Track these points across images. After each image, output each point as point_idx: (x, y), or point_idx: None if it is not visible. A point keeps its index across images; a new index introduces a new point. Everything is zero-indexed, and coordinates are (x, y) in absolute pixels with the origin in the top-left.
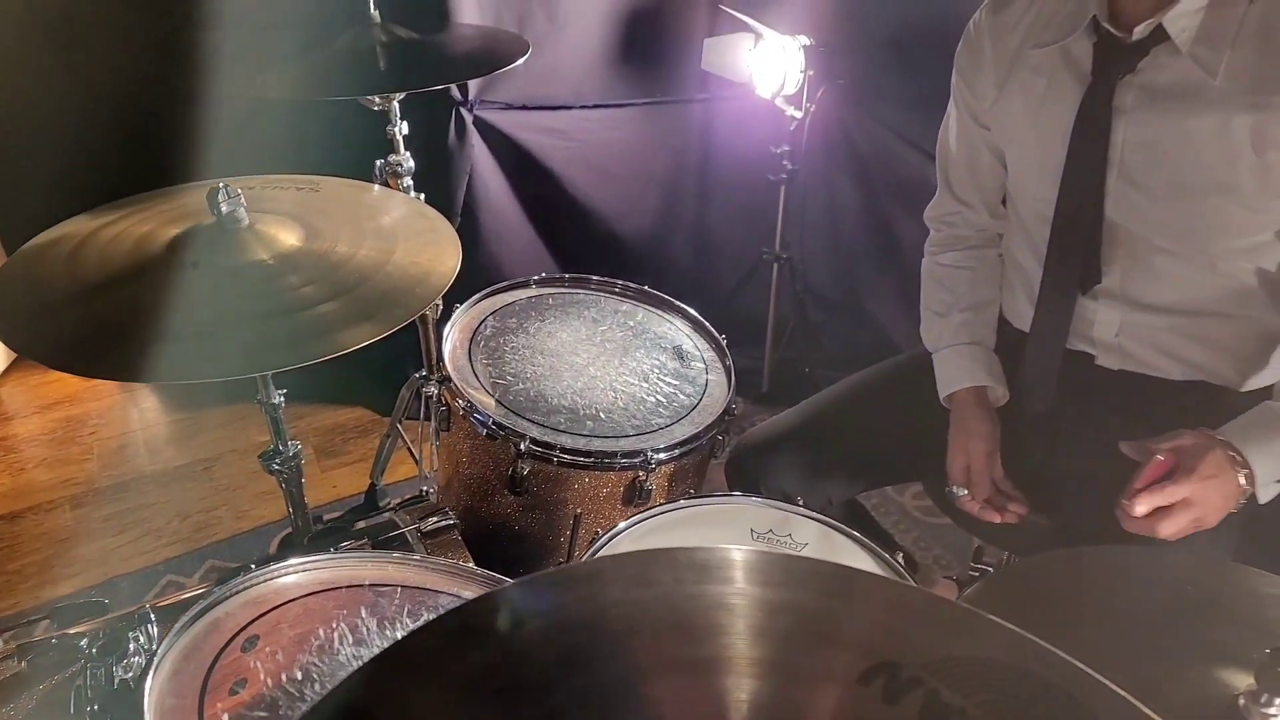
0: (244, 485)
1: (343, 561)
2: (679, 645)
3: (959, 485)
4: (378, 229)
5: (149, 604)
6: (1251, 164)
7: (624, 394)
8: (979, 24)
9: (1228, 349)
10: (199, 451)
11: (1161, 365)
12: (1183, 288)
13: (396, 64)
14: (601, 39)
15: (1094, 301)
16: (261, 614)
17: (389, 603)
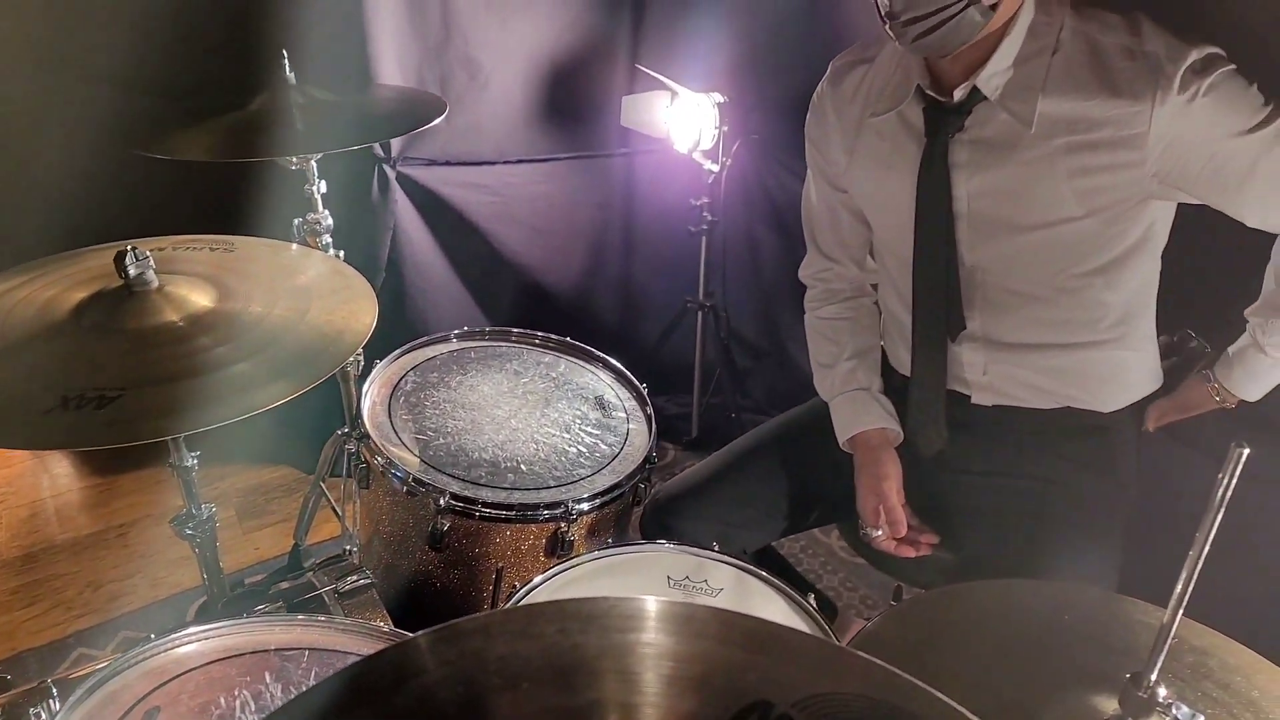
0: (160, 551)
1: (248, 626)
2: (558, 695)
3: (873, 526)
4: (293, 288)
5: (50, 679)
6: (1074, 192)
7: (546, 445)
8: (822, 95)
9: (1087, 376)
10: (113, 518)
11: (1029, 397)
12: (1037, 324)
13: (313, 125)
14: (523, 96)
15: (959, 345)
16: (162, 684)
17: (295, 667)
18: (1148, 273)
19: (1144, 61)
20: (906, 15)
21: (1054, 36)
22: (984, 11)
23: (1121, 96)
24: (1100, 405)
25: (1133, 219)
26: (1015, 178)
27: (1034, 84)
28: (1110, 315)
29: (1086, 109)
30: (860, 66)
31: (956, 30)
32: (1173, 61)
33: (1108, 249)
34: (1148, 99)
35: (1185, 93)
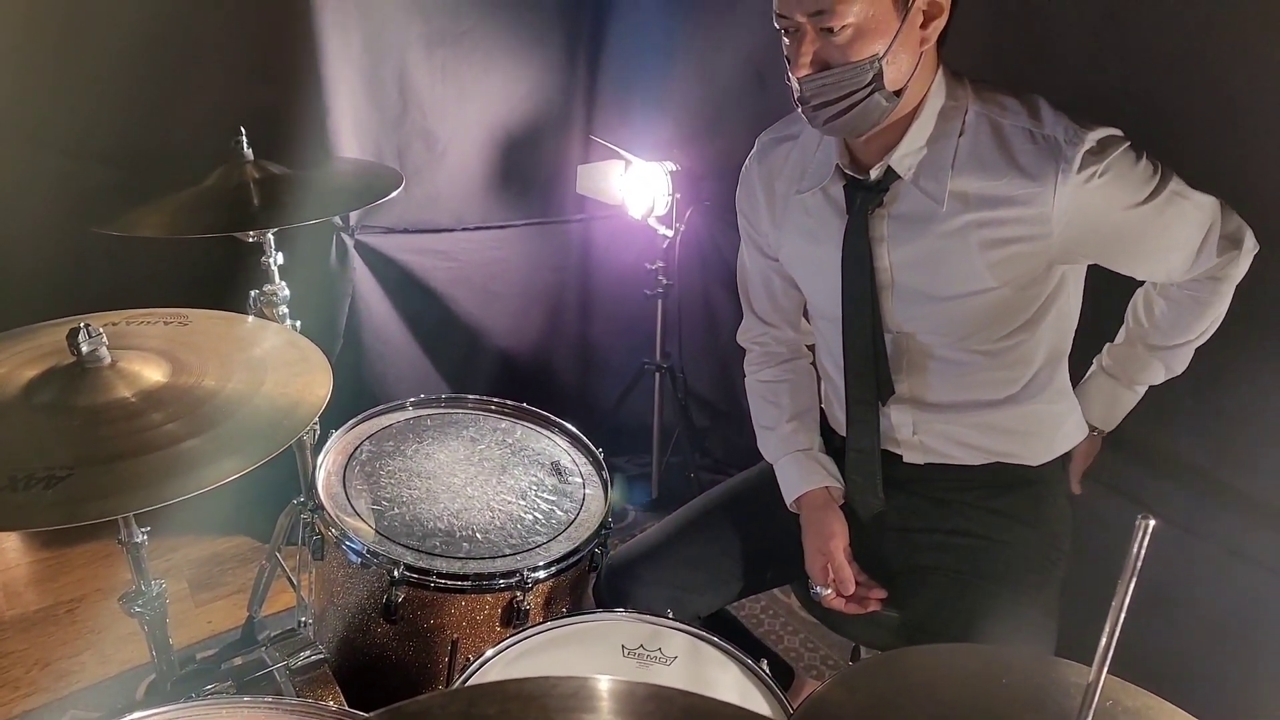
0: (109, 627)
1: (193, 711)
2: None
3: (822, 585)
4: (248, 360)
5: None
6: (987, 265)
7: (501, 513)
8: (749, 170)
9: (1014, 432)
10: (62, 593)
11: (959, 454)
12: (962, 385)
13: (270, 199)
14: (480, 166)
15: (888, 407)
16: None
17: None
18: (1063, 329)
19: (1045, 145)
20: (816, 100)
21: (960, 119)
22: (889, 97)
23: (1025, 177)
24: (1029, 459)
25: (1043, 283)
26: (932, 251)
27: (944, 164)
28: (1030, 372)
29: (994, 188)
30: (786, 143)
31: (864, 114)
32: (1072, 145)
33: (1023, 312)
34: (1050, 180)
35: (1084, 173)
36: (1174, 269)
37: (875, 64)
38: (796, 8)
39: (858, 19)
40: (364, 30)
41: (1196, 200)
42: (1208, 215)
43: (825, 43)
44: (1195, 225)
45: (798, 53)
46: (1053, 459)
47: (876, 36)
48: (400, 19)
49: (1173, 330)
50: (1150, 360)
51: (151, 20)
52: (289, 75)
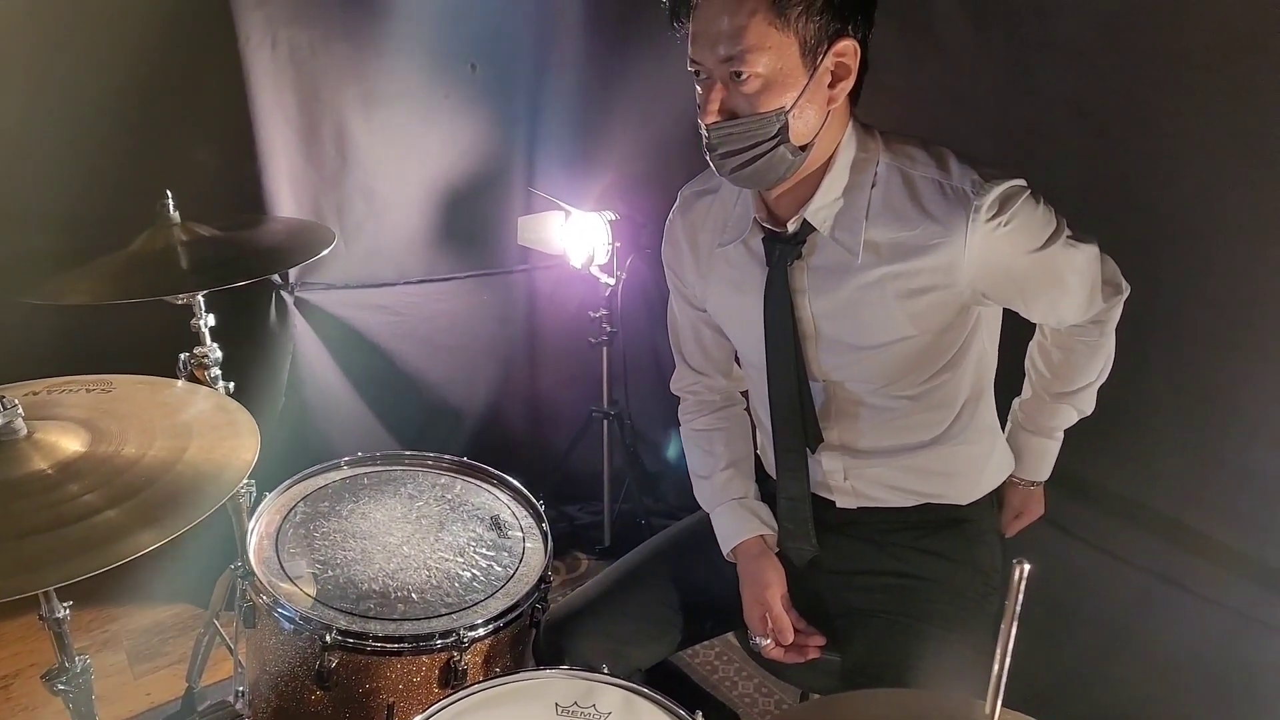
0: (45, 703)
1: None
2: None
3: (761, 635)
4: (173, 426)
5: None
6: (904, 313)
7: (438, 571)
8: (673, 223)
9: (940, 472)
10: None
11: (889, 498)
12: (887, 430)
13: (198, 261)
14: (422, 220)
15: (818, 454)
16: None
17: None
18: (983, 368)
19: (954, 195)
20: (723, 149)
21: (872, 172)
22: (794, 151)
23: (936, 226)
24: (957, 498)
25: (960, 327)
26: (851, 301)
27: (858, 216)
28: (953, 414)
29: (906, 238)
30: (706, 196)
31: (770, 166)
32: (979, 195)
33: (943, 356)
34: (960, 228)
35: (991, 222)
36: (1070, 313)
37: (781, 117)
38: (708, 54)
39: (766, 70)
40: (300, 90)
41: (1084, 248)
42: (1093, 260)
43: (734, 92)
44: (1084, 269)
45: (707, 100)
46: (980, 497)
47: (784, 90)
48: (337, 80)
49: (1073, 375)
50: (1059, 407)
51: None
52: (222, 135)
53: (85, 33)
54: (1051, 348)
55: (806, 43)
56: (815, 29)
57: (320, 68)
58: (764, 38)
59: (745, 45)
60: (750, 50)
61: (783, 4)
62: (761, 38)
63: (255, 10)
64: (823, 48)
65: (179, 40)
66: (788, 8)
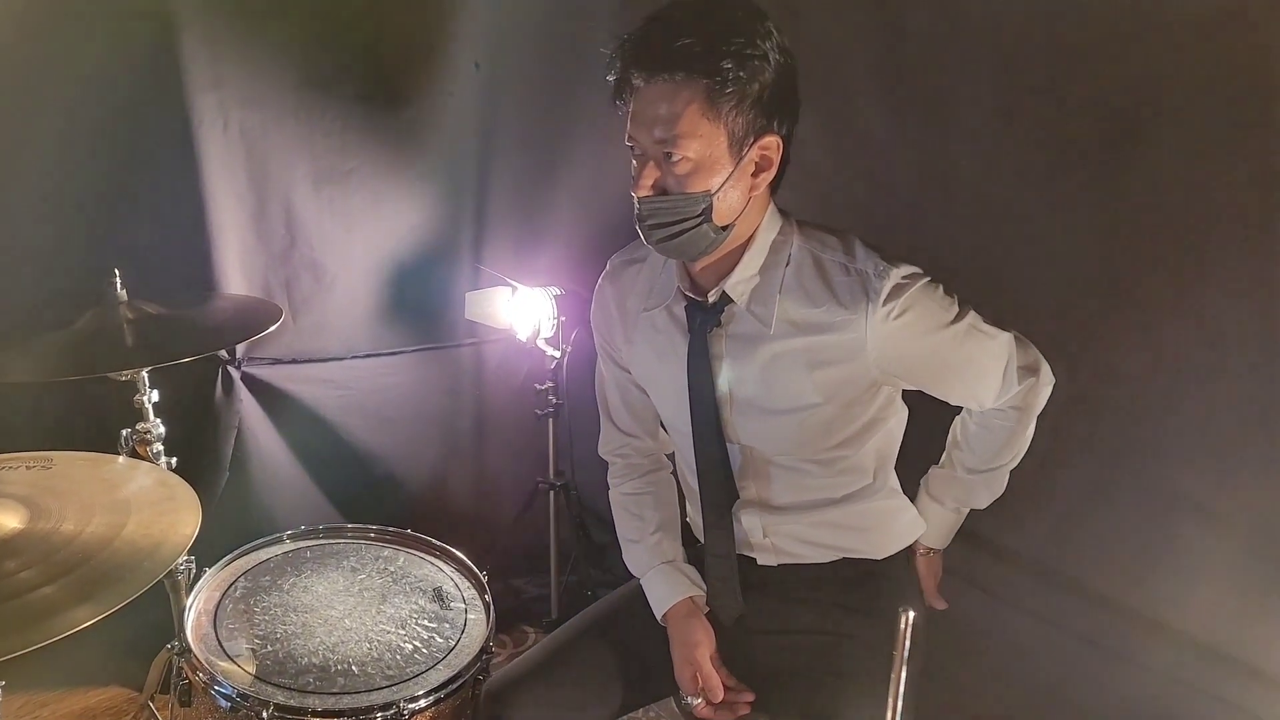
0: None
1: None
2: None
3: (692, 694)
4: (112, 502)
5: None
6: (813, 383)
7: (380, 644)
8: (602, 289)
9: (855, 527)
10: None
11: (807, 553)
12: (802, 489)
13: (144, 338)
14: (370, 295)
15: (738, 512)
16: None
17: None
18: (891, 434)
19: (858, 278)
20: (651, 221)
21: (787, 252)
22: (716, 230)
23: (842, 305)
24: (872, 553)
25: (868, 401)
26: (764, 369)
27: (773, 290)
28: (864, 479)
29: (816, 314)
30: (634, 265)
31: (693, 241)
32: (879, 279)
33: (849, 426)
34: (861, 309)
35: (889, 305)
36: (983, 396)
37: (707, 198)
38: (645, 134)
39: (696, 155)
40: (249, 168)
41: (992, 333)
42: (1004, 347)
43: (666, 171)
44: (994, 356)
45: (640, 175)
46: (895, 552)
47: (711, 174)
48: (286, 158)
49: (988, 454)
50: (970, 482)
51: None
52: (173, 213)
53: (39, 111)
54: (972, 424)
55: (734, 135)
56: (743, 124)
57: (271, 147)
58: (696, 126)
59: (679, 131)
60: (683, 136)
61: (715, 98)
62: (694, 126)
63: (209, 92)
64: (749, 140)
65: (133, 120)
66: (720, 102)
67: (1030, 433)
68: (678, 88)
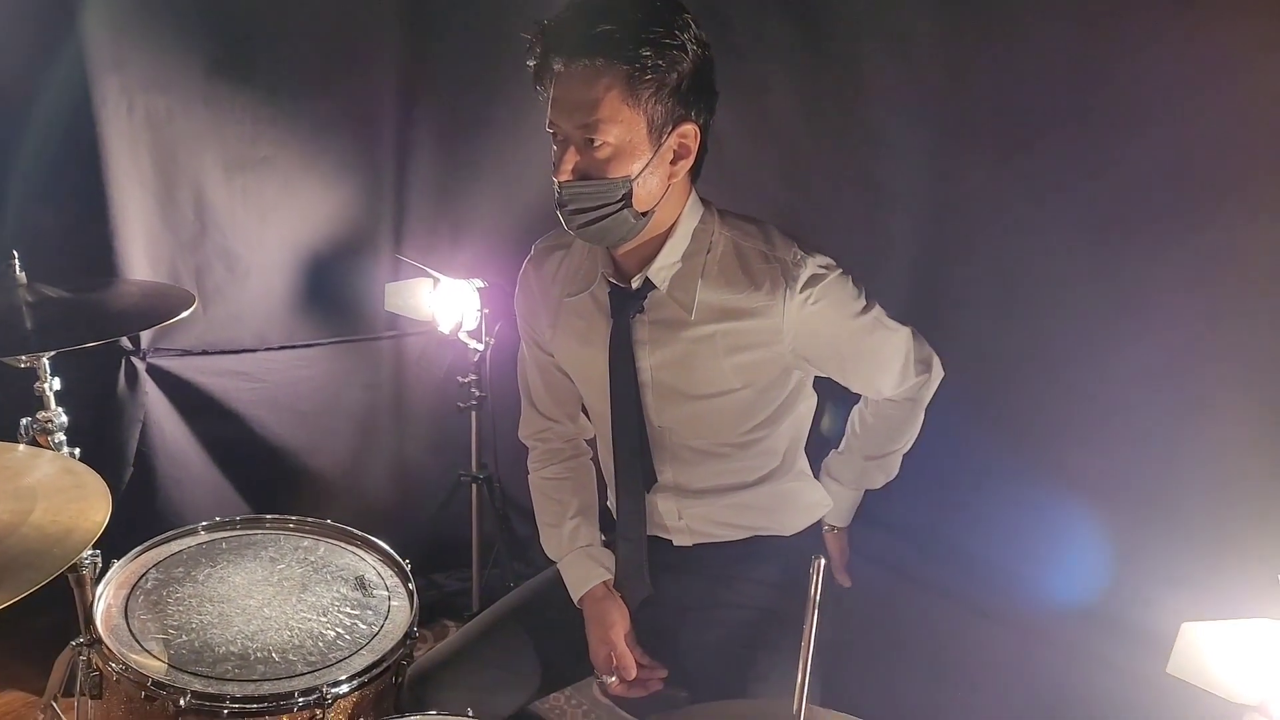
0: None
1: None
2: None
3: (606, 673)
4: (16, 490)
5: None
6: (731, 368)
7: (300, 631)
8: (526, 274)
9: (766, 508)
10: None
11: (720, 533)
12: (716, 473)
13: (45, 323)
14: (284, 285)
15: (654, 495)
16: None
17: None
18: (800, 425)
19: (776, 265)
20: (572, 206)
21: (709, 240)
22: (636, 215)
23: (760, 291)
24: (782, 530)
25: (782, 385)
26: (684, 354)
27: (694, 277)
28: (775, 461)
29: (735, 300)
30: (558, 251)
31: (614, 227)
32: (796, 266)
33: (765, 409)
34: (779, 295)
35: (805, 291)
36: (881, 385)
37: (627, 184)
38: (566, 119)
39: (616, 140)
40: (155, 154)
41: (894, 326)
42: (904, 340)
43: (587, 156)
44: (895, 348)
45: (561, 159)
46: (804, 529)
47: (630, 160)
48: (194, 145)
49: (883, 441)
50: (867, 467)
51: None
52: (73, 197)
53: None
54: (868, 414)
55: (653, 122)
56: (662, 111)
57: (178, 133)
58: (616, 112)
59: (599, 116)
60: (604, 121)
61: (635, 85)
62: (614, 112)
63: (111, 74)
64: (668, 128)
65: (34, 100)
66: (639, 88)
67: (920, 421)
68: (598, 73)
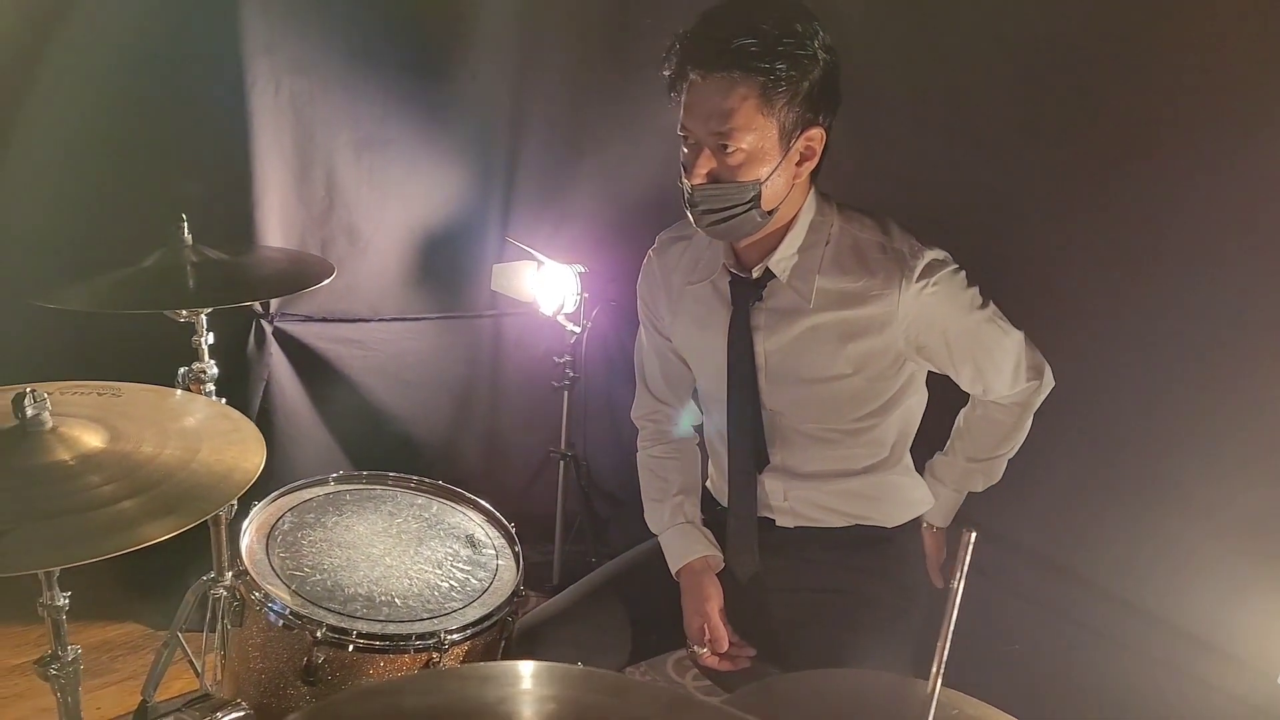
0: None
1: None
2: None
3: (698, 644)
4: (182, 430)
5: None
6: (845, 355)
7: (419, 580)
8: (650, 261)
9: (870, 497)
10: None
11: (824, 518)
12: (824, 458)
13: (206, 281)
14: (399, 260)
15: (763, 476)
16: None
17: None
18: (911, 412)
19: (893, 256)
20: (703, 207)
21: (827, 232)
22: (763, 215)
23: (876, 280)
24: (884, 521)
25: (893, 376)
26: (800, 340)
27: (812, 267)
28: (883, 452)
29: (852, 288)
30: (681, 242)
31: (741, 225)
32: (914, 258)
33: (875, 399)
34: (896, 285)
35: (921, 281)
36: (992, 384)
37: (756, 186)
38: (700, 125)
39: (749, 147)
40: (296, 133)
41: (1007, 328)
42: (1017, 344)
43: (719, 161)
44: (1007, 349)
45: (694, 163)
46: (905, 522)
47: (761, 164)
48: (330, 125)
49: (989, 445)
50: (970, 469)
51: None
52: (220, 169)
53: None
54: (975, 415)
55: (784, 128)
56: (793, 118)
57: (317, 113)
58: (750, 120)
59: (735, 124)
60: (739, 129)
61: (769, 95)
62: (749, 120)
63: (263, 56)
64: (797, 132)
65: (193, 79)
66: (774, 98)
67: (1027, 427)
68: (734, 84)
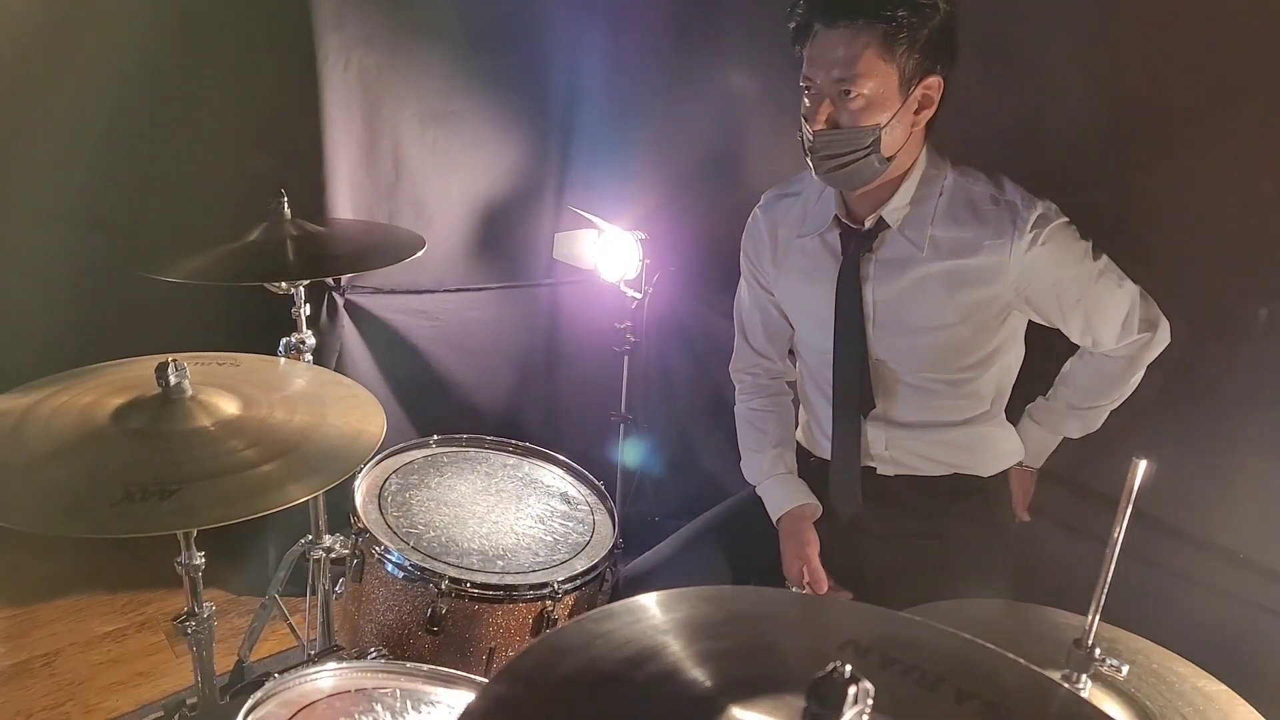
0: (90, 678)
1: None
2: None
3: (798, 586)
4: (305, 397)
5: None
6: (954, 304)
7: (525, 536)
8: (756, 217)
9: (968, 448)
10: (36, 647)
11: (923, 467)
12: (926, 408)
13: (304, 254)
14: (462, 232)
15: (866, 423)
16: None
17: None
18: (1009, 367)
19: (1005, 208)
20: (824, 152)
21: (940, 184)
22: (881, 160)
23: (989, 231)
24: (980, 470)
25: (995, 328)
26: (910, 289)
27: (925, 218)
28: (983, 403)
29: (964, 239)
30: (788, 198)
31: (860, 171)
32: (1026, 209)
33: (978, 350)
34: (1008, 236)
35: (1034, 231)
36: (1101, 337)
37: (876, 131)
38: (822, 74)
39: (870, 93)
40: (364, 108)
41: (1121, 280)
42: (1129, 297)
43: (840, 107)
44: (1119, 302)
45: (816, 110)
46: (998, 471)
47: (881, 110)
48: (397, 99)
49: (1091, 394)
50: (1069, 416)
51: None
52: (292, 145)
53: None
54: (1082, 366)
55: (905, 74)
56: (913, 64)
57: (385, 88)
58: (873, 67)
59: (857, 71)
60: (861, 75)
61: (891, 42)
62: (871, 66)
63: (333, 33)
64: (916, 79)
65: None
66: (895, 44)
67: (1134, 381)
68: (857, 32)
